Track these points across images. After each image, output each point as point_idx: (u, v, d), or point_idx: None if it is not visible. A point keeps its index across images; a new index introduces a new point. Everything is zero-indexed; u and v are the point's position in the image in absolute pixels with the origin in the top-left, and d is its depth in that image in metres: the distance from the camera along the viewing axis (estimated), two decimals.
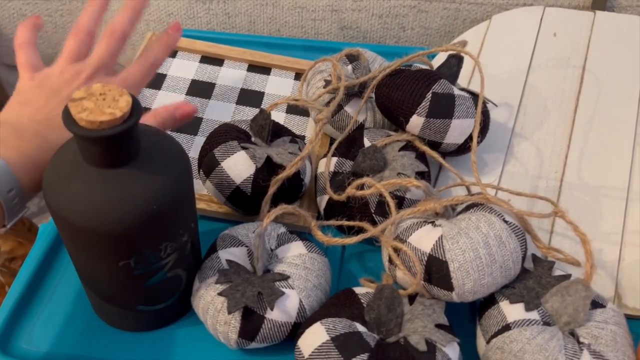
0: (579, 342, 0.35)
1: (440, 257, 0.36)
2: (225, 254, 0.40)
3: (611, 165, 0.49)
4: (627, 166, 0.49)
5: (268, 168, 0.44)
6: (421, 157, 0.47)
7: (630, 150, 0.50)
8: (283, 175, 0.43)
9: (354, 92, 0.52)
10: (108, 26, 0.45)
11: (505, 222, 0.37)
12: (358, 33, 0.69)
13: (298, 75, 0.61)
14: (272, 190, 0.44)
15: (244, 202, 0.45)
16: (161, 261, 0.36)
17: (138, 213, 0.32)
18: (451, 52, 0.48)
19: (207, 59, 0.62)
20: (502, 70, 0.57)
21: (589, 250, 0.37)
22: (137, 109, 0.31)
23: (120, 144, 0.31)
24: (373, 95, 0.50)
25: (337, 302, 0.39)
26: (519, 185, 0.49)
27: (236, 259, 0.40)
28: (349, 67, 0.54)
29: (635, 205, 0.46)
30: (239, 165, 0.44)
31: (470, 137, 0.46)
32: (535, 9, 0.62)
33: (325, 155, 0.48)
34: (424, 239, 0.38)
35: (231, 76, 0.61)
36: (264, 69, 0.62)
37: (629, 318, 0.40)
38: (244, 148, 0.44)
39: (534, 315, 0.36)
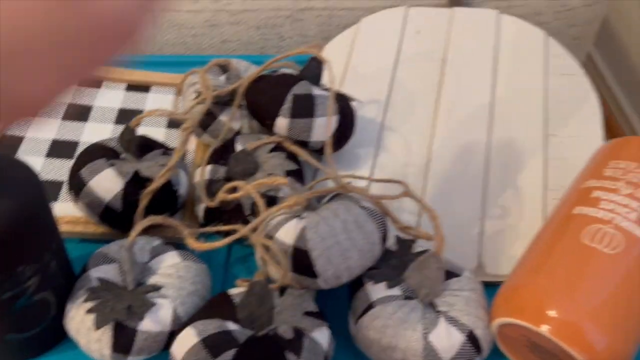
0: (436, 311, 0.37)
1: (303, 247, 0.38)
2: (97, 272, 0.40)
3: (470, 153, 0.53)
4: (484, 148, 0.52)
5: (137, 182, 0.44)
6: (292, 156, 0.48)
7: (485, 134, 0.53)
8: (152, 187, 0.43)
9: (227, 101, 0.53)
10: None
11: (363, 207, 0.39)
12: (239, 45, 0.70)
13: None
14: (143, 204, 0.44)
15: (117, 219, 0.45)
16: (22, 284, 0.36)
17: None
18: (311, 54, 0.50)
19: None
20: (371, 69, 0.60)
21: (437, 224, 0.40)
22: None
23: None
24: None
25: (210, 305, 0.39)
26: (390, 173, 0.52)
27: (108, 276, 0.40)
28: (222, 77, 0.55)
29: (492, 184, 0.50)
30: (106, 182, 0.44)
31: (336, 133, 0.49)
32: (400, 10, 0.66)
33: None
34: (289, 233, 0.39)
35: (109, 97, 0.60)
36: (144, 88, 0.62)
37: (493, 284, 0.43)
38: (111, 165, 0.44)
39: (396, 291, 0.38)
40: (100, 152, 0.46)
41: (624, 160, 0.39)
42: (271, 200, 0.45)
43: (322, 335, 0.37)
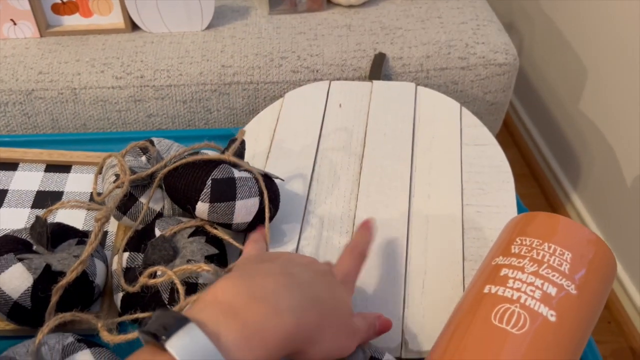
0: None
1: None
2: None
3: (392, 226, 0.54)
4: (405, 226, 0.54)
5: (48, 277, 0.42)
6: (213, 239, 0.48)
7: (406, 205, 0.55)
8: (63, 282, 0.42)
9: (147, 183, 0.52)
10: (350, 242, 0.44)
11: None
12: (166, 119, 0.70)
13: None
14: (54, 299, 0.42)
15: (27, 316, 0.42)
16: None
17: None
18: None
19: None
20: (296, 143, 0.62)
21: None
22: None
23: None
24: None
25: None
26: (316, 248, 0.52)
27: None
28: (143, 158, 0.55)
29: (413, 266, 0.51)
30: (14, 280, 0.42)
31: (257, 214, 0.49)
32: (323, 84, 0.68)
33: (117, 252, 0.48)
34: None
35: (25, 180, 0.58)
36: (64, 167, 0.61)
37: None
38: (20, 260, 0.43)
39: None
40: (9, 246, 0.44)
41: (529, 237, 0.41)
42: (192, 287, 0.44)
43: None
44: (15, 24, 0.74)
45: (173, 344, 0.27)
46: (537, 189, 1.34)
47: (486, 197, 0.55)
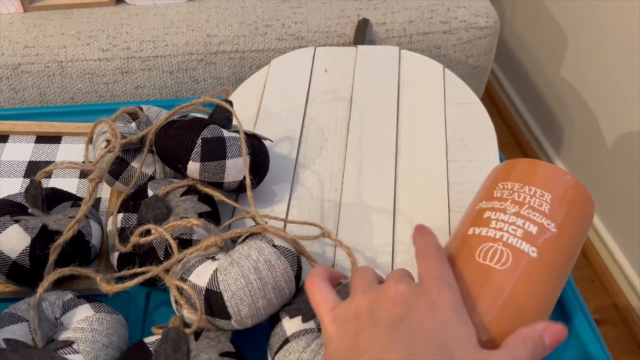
0: None
1: (216, 289, 0.38)
2: (3, 334, 0.39)
3: (379, 182, 0.55)
4: (392, 181, 0.55)
5: (45, 237, 0.43)
6: (205, 198, 0.49)
7: (392, 163, 0.56)
8: (60, 241, 0.43)
9: (137, 147, 0.53)
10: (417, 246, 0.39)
11: (275, 246, 0.41)
12: (153, 90, 0.71)
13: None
14: (52, 258, 0.43)
15: (26, 276, 0.43)
16: None
17: None
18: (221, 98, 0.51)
19: None
20: (284, 108, 0.63)
21: (353, 261, 0.42)
22: None
23: None
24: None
25: (126, 356, 0.39)
26: (307, 207, 0.53)
27: (16, 336, 0.39)
28: (133, 124, 0.56)
29: (401, 217, 0.53)
30: (12, 240, 0.43)
31: (250, 172, 0.50)
32: (308, 50, 0.69)
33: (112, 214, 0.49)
34: (202, 275, 0.39)
35: (16, 151, 0.59)
36: (54, 139, 0.61)
37: None
38: (16, 221, 0.43)
39: (311, 324, 0.39)
40: (5, 209, 0.45)
41: (511, 182, 0.42)
42: (186, 243, 0.46)
43: None
44: None
45: None
46: (522, 157, 1.37)
47: (470, 152, 0.57)
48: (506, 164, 0.45)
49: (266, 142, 0.57)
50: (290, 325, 0.39)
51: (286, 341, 0.38)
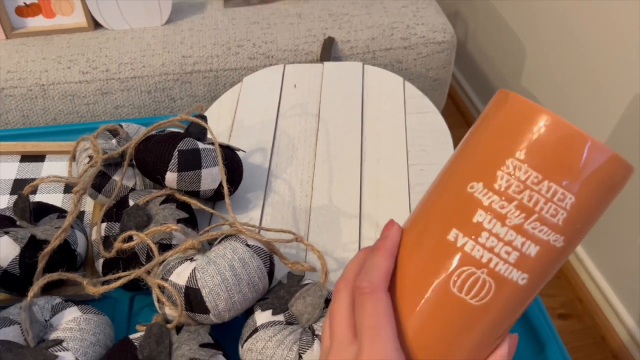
0: (314, 334, 0.43)
1: (194, 286, 0.42)
2: None
3: (347, 187, 0.60)
4: (358, 186, 0.59)
5: (34, 246, 0.47)
6: (183, 206, 0.53)
7: (358, 168, 0.61)
8: (48, 249, 0.46)
9: (118, 162, 0.57)
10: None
11: (248, 245, 0.44)
12: (132, 109, 0.74)
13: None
14: (41, 265, 0.46)
15: (16, 283, 0.46)
16: None
17: None
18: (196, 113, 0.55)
19: None
20: (256, 121, 0.67)
21: (323, 262, 0.46)
22: None
23: None
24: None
25: (113, 352, 0.42)
26: (280, 212, 0.57)
27: (9, 338, 0.42)
28: (114, 141, 0.59)
29: (366, 219, 0.57)
30: (2, 250, 0.46)
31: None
32: (278, 67, 0.73)
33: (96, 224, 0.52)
34: (181, 274, 0.43)
35: (2, 170, 0.62)
36: (38, 157, 0.64)
37: None
38: (6, 232, 0.47)
39: (280, 317, 0.43)
40: None
41: (528, 165, 0.29)
42: (166, 248, 0.49)
43: None
44: None
45: None
46: None
47: (428, 156, 0.62)
48: (534, 120, 0.29)
49: (240, 153, 0.61)
50: (261, 317, 0.43)
51: (255, 330, 0.42)
